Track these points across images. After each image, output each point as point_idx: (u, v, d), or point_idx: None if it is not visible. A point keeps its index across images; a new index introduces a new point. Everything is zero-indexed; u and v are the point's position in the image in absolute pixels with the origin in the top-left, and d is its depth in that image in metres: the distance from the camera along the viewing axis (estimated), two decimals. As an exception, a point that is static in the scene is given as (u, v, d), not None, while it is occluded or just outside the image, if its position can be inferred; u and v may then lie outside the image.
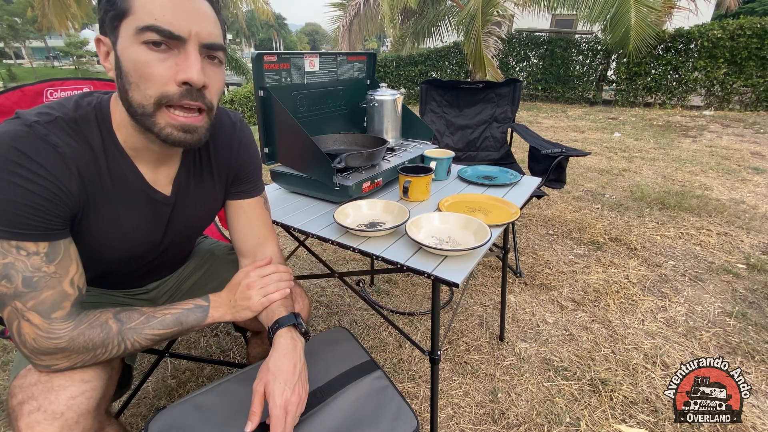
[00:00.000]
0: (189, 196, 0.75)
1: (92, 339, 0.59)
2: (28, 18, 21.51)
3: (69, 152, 0.57)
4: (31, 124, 0.55)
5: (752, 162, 3.85)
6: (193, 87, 0.57)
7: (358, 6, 8.54)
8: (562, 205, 2.85)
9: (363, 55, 1.44)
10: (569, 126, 5.84)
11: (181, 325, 0.67)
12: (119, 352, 0.62)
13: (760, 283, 1.88)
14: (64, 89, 1.09)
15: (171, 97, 0.56)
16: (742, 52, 6.30)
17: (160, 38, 0.53)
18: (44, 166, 0.55)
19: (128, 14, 0.53)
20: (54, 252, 0.57)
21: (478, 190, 1.22)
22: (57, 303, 0.57)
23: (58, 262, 0.58)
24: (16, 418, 0.57)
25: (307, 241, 1.43)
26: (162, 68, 0.55)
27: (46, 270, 0.56)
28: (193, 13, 0.55)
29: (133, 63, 0.54)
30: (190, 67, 0.55)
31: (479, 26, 5.67)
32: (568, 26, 10.71)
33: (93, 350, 0.60)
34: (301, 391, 0.66)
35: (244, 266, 0.83)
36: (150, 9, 0.53)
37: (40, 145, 0.55)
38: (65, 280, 0.58)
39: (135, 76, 0.55)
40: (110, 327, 0.61)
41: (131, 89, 0.56)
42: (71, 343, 0.58)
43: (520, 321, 1.65)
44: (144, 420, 1.22)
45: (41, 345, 0.57)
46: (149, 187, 0.69)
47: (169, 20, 0.53)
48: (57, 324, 0.57)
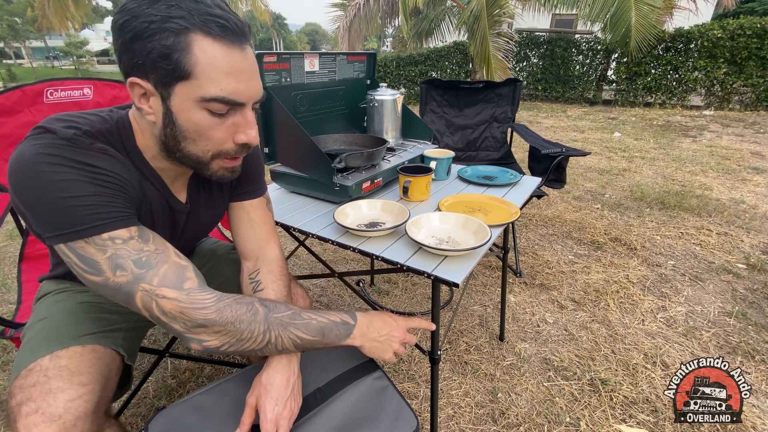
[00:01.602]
0: (200, 202, 0.77)
1: (240, 316, 0.59)
2: (28, 18, 21.50)
3: (115, 155, 0.59)
4: (71, 138, 0.54)
5: (752, 162, 3.85)
6: (250, 146, 0.61)
7: (359, 6, 8.54)
8: (562, 205, 2.85)
9: (363, 55, 1.44)
10: (569, 126, 5.84)
11: (322, 336, 0.66)
12: (262, 344, 0.62)
13: (760, 283, 1.88)
14: (64, 89, 1.09)
15: (228, 153, 0.60)
16: (742, 52, 6.30)
17: (225, 108, 0.56)
18: (103, 168, 0.56)
19: (189, 78, 0.53)
20: (144, 234, 0.58)
21: (478, 190, 1.22)
22: (180, 274, 0.58)
23: (153, 240, 0.59)
24: (14, 419, 0.57)
25: (307, 241, 1.43)
26: (222, 130, 0.58)
27: (148, 249, 0.57)
28: (250, 75, 0.57)
29: (194, 125, 0.56)
30: (251, 130, 0.59)
31: (485, 26, 5.65)
32: (568, 26, 10.70)
33: (239, 332, 0.60)
34: (293, 406, 0.66)
35: (247, 268, 0.84)
36: (215, 78, 0.54)
37: (91, 153, 0.56)
38: (171, 253, 0.59)
39: (194, 134, 0.57)
40: (257, 309, 0.61)
41: (187, 143, 0.58)
42: (219, 315, 0.58)
43: (520, 321, 1.65)
44: (144, 420, 1.22)
45: (191, 317, 0.57)
46: (171, 197, 0.70)
47: (233, 90, 0.55)
48: (196, 294, 0.57)
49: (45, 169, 0.51)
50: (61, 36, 27.21)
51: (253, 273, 0.82)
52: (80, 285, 0.82)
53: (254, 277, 0.82)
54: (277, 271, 0.82)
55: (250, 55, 0.58)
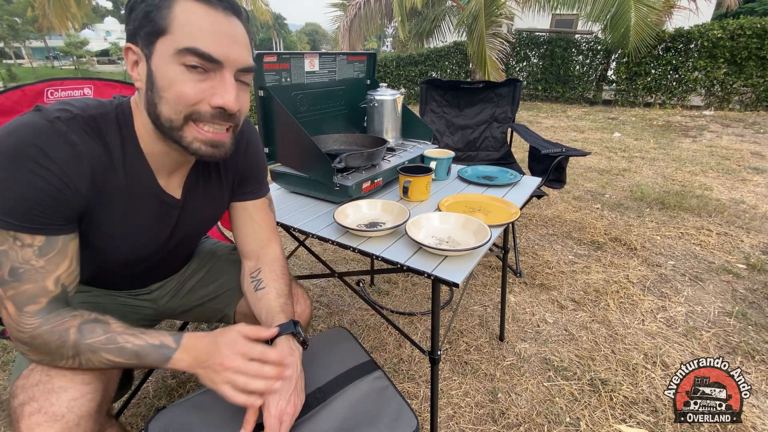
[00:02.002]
0: (197, 198, 0.76)
1: (48, 344, 0.58)
2: (28, 18, 21.50)
3: (85, 151, 0.58)
4: (52, 120, 0.56)
5: (752, 162, 3.85)
6: (226, 111, 0.59)
7: (359, 6, 8.53)
8: (562, 205, 2.85)
9: (363, 55, 1.44)
10: (569, 126, 5.84)
11: (138, 359, 0.61)
12: (74, 365, 0.60)
13: (760, 283, 1.88)
14: (64, 89, 1.09)
15: (202, 116, 0.58)
16: (742, 52, 6.30)
17: (199, 62, 0.55)
18: (57, 163, 0.55)
19: (167, 33, 0.54)
20: (48, 247, 0.58)
21: (478, 190, 1.22)
22: (34, 297, 0.57)
23: (49, 257, 0.58)
24: (17, 419, 0.57)
25: (307, 241, 1.43)
26: (197, 90, 0.56)
27: (35, 263, 0.57)
28: (231, 39, 0.57)
29: (168, 81, 0.55)
30: (227, 93, 0.57)
31: (482, 27, 5.66)
32: (568, 26, 10.70)
33: (49, 354, 0.59)
34: (297, 401, 0.66)
35: (248, 267, 0.84)
36: (190, 32, 0.54)
37: (58, 142, 0.55)
38: (50, 276, 0.59)
39: (168, 93, 0.56)
40: (68, 336, 0.58)
41: (161, 103, 0.57)
42: (31, 340, 0.58)
43: (520, 321, 1.65)
44: (144, 420, 1.22)
45: (12, 333, 0.58)
46: (161, 190, 0.69)
47: (208, 44, 0.54)
48: (26, 318, 0.57)
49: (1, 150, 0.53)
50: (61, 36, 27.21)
51: (255, 272, 0.82)
52: (81, 285, 0.82)
53: (256, 276, 0.82)
54: (279, 270, 0.83)
55: (238, 25, 0.58)
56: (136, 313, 0.88)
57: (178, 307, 0.93)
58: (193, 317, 0.98)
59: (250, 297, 0.81)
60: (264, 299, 0.78)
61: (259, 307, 0.78)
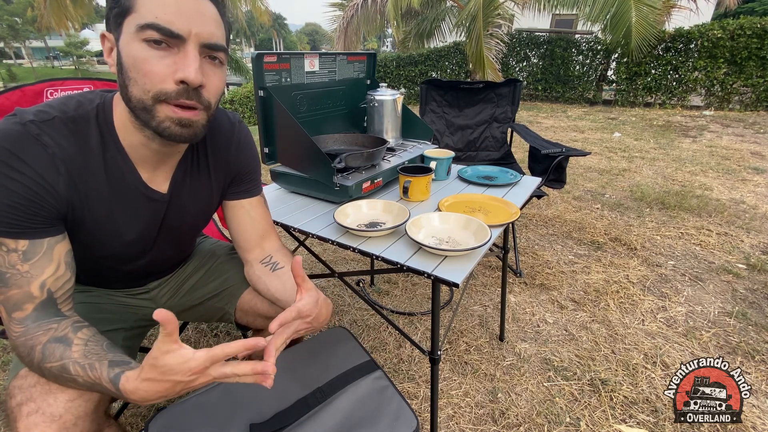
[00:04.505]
0: (184, 194, 0.76)
1: (23, 358, 0.58)
2: (28, 18, 21.51)
3: (59, 152, 0.58)
4: (25, 123, 0.56)
5: (752, 162, 3.85)
6: (190, 86, 0.57)
7: (356, 7, 8.53)
8: (562, 205, 2.85)
9: (363, 55, 1.44)
10: (569, 126, 5.84)
11: (92, 388, 0.56)
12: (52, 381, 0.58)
13: (760, 283, 1.88)
14: (64, 89, 1.09)
15: (168, 95, 0.56)
16: (742, 52, 6.30)
17: (160, 36, 0.54)
18: (30, 166, 0.55)
19: (131, 11, 0.54)
20: (33, 251, 0.58)
21: (478, 190, 1.22)
22: (19, 303, 0.57)
23: (34, 261, 0.58)
24: (14, 419, 0.57)
25: (307, 241, 1.43)
26: (160, 66, 0.55)
27: (20, 268, 0.57)
28: (195, 13, 0.56)
29: (132, 59, 0.55)
30: (188, 66, 0.56)
31: (480, 27, 5.66)
32: (568, 26, 10.70)
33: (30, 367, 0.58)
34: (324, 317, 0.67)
35: (257, 256, 0.84)
36: (152, 8, 0.53)
37: (30, 145, 0.55)
38: (35, 281, 0.58)
39: (134, 72, 0.55)
40: (33, 355, 0.56)
41: (130, 84, 0.56)
42: (16, 349, 0.58)
43: (520, 321, 1.65)
44: (144, 420, 1.22)
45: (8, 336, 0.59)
46: (145, 186, 0.69)
47: (170, 19, 0.54)
48: (13, 324, 0.58)
49: None
50: (61, 36, 27.21)
51: (266, 258, 0.83)
52: (80, 285, 0.82)
53: (268, 261, 0.82)
54: (289, 255, 0.84)
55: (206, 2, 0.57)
56: (135, 313, 0.88)
57: (177, 306, 0.93)
58: (193, 316, 0.98)
59: (266, 278, 0.80)
60: (286, 274, 0.78)
61: (279, 284, 0.78)
